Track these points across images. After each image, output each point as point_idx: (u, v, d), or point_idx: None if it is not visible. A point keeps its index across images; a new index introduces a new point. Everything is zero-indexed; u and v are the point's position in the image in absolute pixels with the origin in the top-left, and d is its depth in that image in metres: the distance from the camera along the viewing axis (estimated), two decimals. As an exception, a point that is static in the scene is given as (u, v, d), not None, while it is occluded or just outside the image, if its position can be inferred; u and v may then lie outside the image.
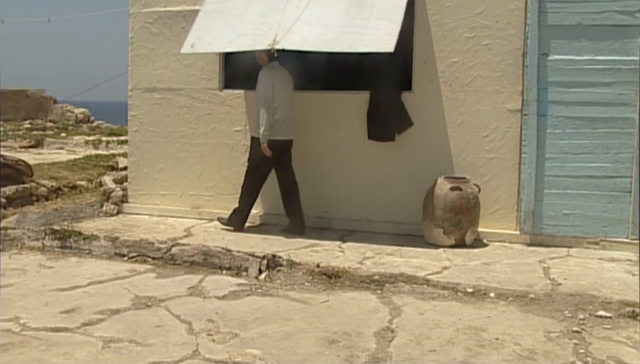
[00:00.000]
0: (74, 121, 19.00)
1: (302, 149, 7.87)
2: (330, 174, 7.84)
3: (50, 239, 6.87)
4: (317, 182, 7.87)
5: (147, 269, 6.22)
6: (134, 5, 8.62)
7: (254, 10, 7.51)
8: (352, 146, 7.76)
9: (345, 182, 7.79)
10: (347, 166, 7.78)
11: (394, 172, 7.59)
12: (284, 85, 7.48)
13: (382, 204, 7.63)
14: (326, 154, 7.84)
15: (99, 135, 16.71)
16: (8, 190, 7.84)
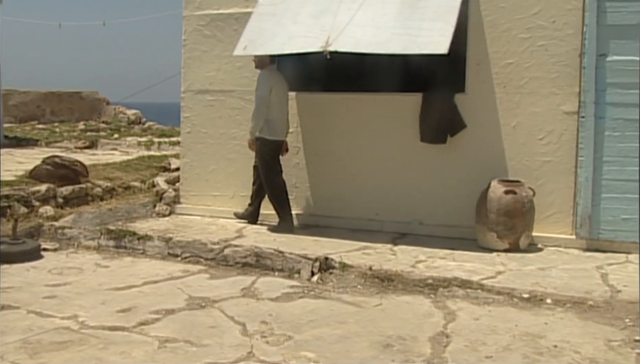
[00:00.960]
0: (126, 122, 19.30)
1: (353, 151, 7.86)
2: (382, 177, 7.80)
3: (106, 239, 6.97)
4: (368, 185, 7.84)
5: (200, 269, 6.27)
6: (187, 8, 8.71)
7: (306, 12, 7.52)
8: (403, 148, 7.70)
9: (397, 185, 7.74)
10: (399, 168, 7.73)
11: (447, 175, 7.51)
12: (280, 88, 7.76)
13: (434, 207, 7.56)
14: (377, 156, 7.80)
15: (151, 136, 16.92)
16: (65, 190, 8.00)
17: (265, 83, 7.62)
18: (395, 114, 7.76)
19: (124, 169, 9.46)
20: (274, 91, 7.63)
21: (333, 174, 8.04)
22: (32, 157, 11.00)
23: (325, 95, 8.20)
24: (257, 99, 7.61)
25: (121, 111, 20.41)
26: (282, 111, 7.80)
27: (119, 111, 20.45)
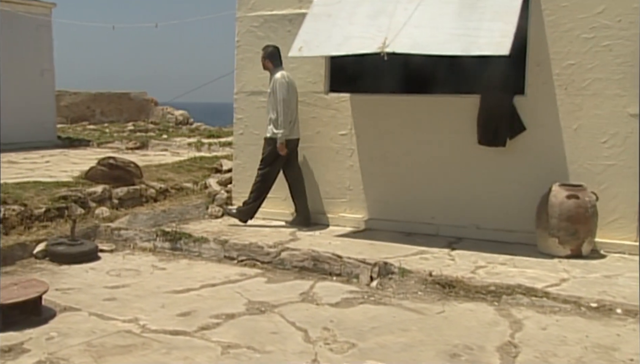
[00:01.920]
0: (174, 123, 19.44)
1: (408, 154, 7.75)
2: (437, 180, 7.67)
3: (161, 241, 6.98)
4: (423, 188, 7.71)
5: (257, 273, 6.23)
6: (241, 9, 8.69)
7: (362, 13, 7.42)
8: (460, 151, 7.56)
9: (453, 189, 7.60)
10: (455, 171, 7.59)
11: (505, 179, 7.34)
12: (293, 88, 7.92)
13: (492, 211, 7.40)
14: (433, 159, 7.67)
15: (199, 136, 17.00)
16: (120, 191, 8.04)
17: (284, 85, 7.74)
18: (452, 116, 7.62)
19: (176, 171, 9.48)
20: (290, 92, 7.80)
21: (387, 176, 7.93)
22: (86, 158, 11.14)
23: (380, 96, 8.09)
24: (280, 103, 7.70)
25: (169, 111, 20.57)
26: (295, 112, 7.94)
27: (167, 111, 20.62)
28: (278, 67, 7.92)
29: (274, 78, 7.82)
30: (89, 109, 20.33)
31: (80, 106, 20.13)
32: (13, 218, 6.74)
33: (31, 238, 6.66)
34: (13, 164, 10.22)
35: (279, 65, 7.93)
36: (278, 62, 7.94)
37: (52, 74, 13.83)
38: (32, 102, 13.19)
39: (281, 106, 7.70)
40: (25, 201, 6.99)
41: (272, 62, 7.93)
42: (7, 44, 12.70)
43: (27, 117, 13.04)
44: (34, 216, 6.96)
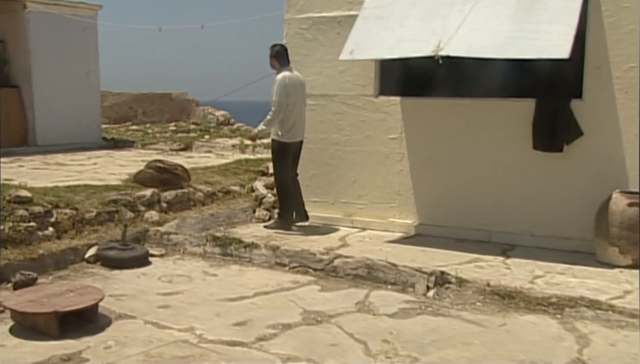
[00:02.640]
0: (215, 123, 19.46)
1: (460, 159, 7.59)
2: (489, 186, 7.49)
3: (211, 246, 6.93)
4: (475, 194, 7.55)
5: (309, 280, 6.14)
6: (289, 11, 8.60)
7: (414, 16, 7.29)
8: (513, 156, 7.37)
9: (506, 194, 7.42)
10: (508, 177, 7.41)
11: (561, 185, 7.14)
12: (298, 89, 7.80)
13: (547, 218, 7.21)
14: (485, 164, 7.50)
15: (240, 137, 16.99)
16: (169, 195, 8.02)
17: (282, 87, 7.63)
18: (506, 120, 7.44)
19: (222, 173, 9.44)
20: (291, 95, 7.66)
21: (438, 181, 7.78)
22: (131, 160, 11.18)
23: (431, 100, 7.93)
24: (275, 105, 7.62)
25: (210, 111, 20.61)
26: (299, 113, 7.83)
27: (208, 111, 20.66)
28: (285, 66, 7.82)
29: (275, 78, 7.76)
30: (131, 110, 20.46)
31: (122, 106, 20.27)
32: (65, 222, 6.74)
33: (82, 242, 6.66)
34: (62, 166, 10.29)
35: (286, 65, 7.84)
36: (285, 61, 7.85)
37: (97, 75, 13.93)
38: (78, 104, 13.30)
39: (273, 107, 7.63)
40: (76, 205, 7.00)
41: (279, 62, 7.83)
42: (54, 46, 12.83)
43: (73, 119, 13.15)
44: (85, 219, 6.96)
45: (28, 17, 12.41)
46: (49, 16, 12.44)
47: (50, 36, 12.71)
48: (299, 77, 7.91)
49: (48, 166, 10.36)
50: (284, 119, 7.71)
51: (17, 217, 6.31)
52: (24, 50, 12.55)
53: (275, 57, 7.85)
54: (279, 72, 7.78)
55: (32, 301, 4.77)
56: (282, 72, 7.76)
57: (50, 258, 6.27)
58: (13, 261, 5.96)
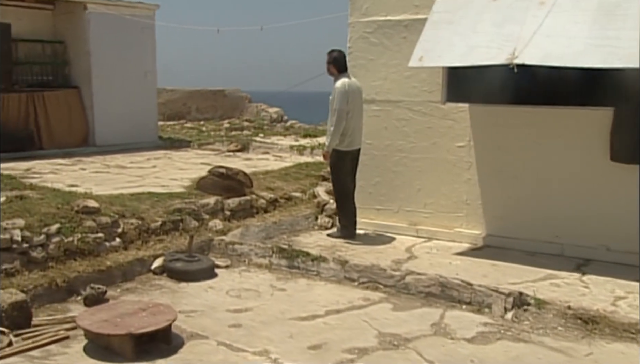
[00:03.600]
0: (269, 120, 19.42)
1: (532, 169, 7.33)
2: (563, 197, 7.20)
3: (278, 258, 6.81)
4: (547, 205, 7.27)
5: (380, 297, 5.97)
6: (353, 14, 8.41)
7: (487, 20, 7.02)
8: (589, 167, 7.07)
9: (580, 206, 7.13)
10: (583, 188, 7.11)
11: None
12: (356, 96, 7.65)
13: (625, 232, 6.89)
14: (559, 175, 7.22)
15: (294, 135, 16.92)
16: (232, 202, 7.93)
17: (342, 94, 7.46)
18: (581, 129, 7.14)
19: (283, 178, 9.33)
20: (350, 102, 7.51)
21: (508, 192, 7.53)
22: (190, 162, 11.16)
23: (502, 107, 7.66)
24: (336, 113, 7.44)
25: (263, 108, 20.57)
26: (357, 121, 7.68)
27: (261, 108, 20.62)
28: (342, 73, 7.66)
29: (334, 86, 7.58)
30: (185, 106, 20.54)
31: (176, 103, 20.36)
32: (131, 232, 6.71)
33: (148, 253, 6.61)
34: (122, 169, 10.31)
35: (344, 71, 7.68)
36: (343, 67, 7.68)
37: (154, 75, 13.97)
38: (136, 104, 13.35)
39: (334, 116, 7.45)
40: (142, 214, 6.95)
41: (337, 68, 7.66)
42: (113, 46, 12.88)
43: (130, 119, 13.21)
44: (150, 229, 6.91)
45: (88, 18, 12.47)
46: (108, 17, 12.49)
47: (109, 37, 12.76)
48: (356, 83, 7.77)
49: (109, 168, 10.38)
50: (347, 128, 7.54)
51: (85, 229, 6.28)
52: (83, 51, 12.62)
53: (333, 64, 7.69)
54: (337, 79, 7.61)
55: (106, 321, 4.71)
56: (340, 79, 7.59)
57: (118, 270, 6.23)
58: (82, 274, 5.94)
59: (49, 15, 12.92)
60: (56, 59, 12.83)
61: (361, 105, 7.81)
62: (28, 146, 11.70)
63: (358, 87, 7.77)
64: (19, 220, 5.95)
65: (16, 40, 12.15)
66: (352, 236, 7.78)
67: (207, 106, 20.81)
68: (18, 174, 9.45)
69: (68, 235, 6.11)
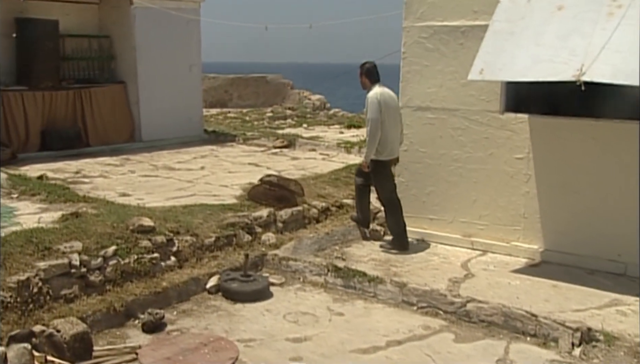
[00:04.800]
0: (311, 108, 19.25)
1: (594, 184, 7.09)
2: (626, 214, 6.94)
3: (333, 277, 6.70)
4: (609, 222, 7.03)
5: (441, 325, 5.82)
6: (408, 18, 8.18)
7: (551, 32, 6.74)
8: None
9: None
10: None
11: None
12: (390, 105, 7.59)
13: (692, 253, 6.66)
14: (622, 191, 6.96)
15: (338, 125, 16.75)
16: (284, 214, 7.82)
17: (375, 104, 7.46)
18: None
19: (333, 183, 9.19)
20: (384, 111, 7.47)
21: (568, 207, 7.30)
22: (238, 162, 11.07)
23: (563, 120, 7.38)
24: (370, 122, 7.48)
25: (305, 95, 20.40)
26: (392, 130, 7.64)
27: (303, 95, 20.46)
28: (375, 83, 7.63)
29: (367, 96, 7.59)
30: (226, 93, 20.47)
31: (218, 90, 20.30)
32: (186, 250, 6.64)
33: (203, 271, 6.54)
34: (171, 171, 10.24)
35: (376, 82, 7.65)
36: (375, 78, 7.66)
37: (199, 68, 13.87)
38: (181, 98, 13.26)
39: (368, 126, 7.50)
40: (196, 230, 6.88)
41: (370, 79, 7.66)
42: (159, 40, 12.79)
43: (176, 113, 13.14)
44: (204, 246, 6.84)
45: (134, 13, 12.38)
46: (153, 11, 12.37)
47: (154, 31, 12.66)
48: (390, 93, 7.71)
49: (157, 170, 10.32)
50: (382, 137, 7.51)
51: (141, 249, 6.23)
52: (129, 46, 12.55)
53: (365, 75, 7.68)
54: (370, 90, 7.56)
55: (169, 359, 4.65)
56: (372, 89, 7.55)
57: (174, 290, 6.19)
58: (139, 296, 5.90)
59: (95, 9, 12.85)
60: (102, 54, 12.78)
61: (396, 114, 7.76)
62: (76, 143, 11.70)
63: (392, 96, 7.73)
64: (77, 243, 5.91)
65: (63, 36, 12.11)
66: (404, 247, 7.66)
67: (248, 93, 20.71)
68: (69, 177, 9.47)
69: (124, 257, 6.05)
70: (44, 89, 11.53)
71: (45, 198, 7.68)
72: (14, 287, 5.22)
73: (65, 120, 11.82)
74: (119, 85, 12.70)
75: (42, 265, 5.51)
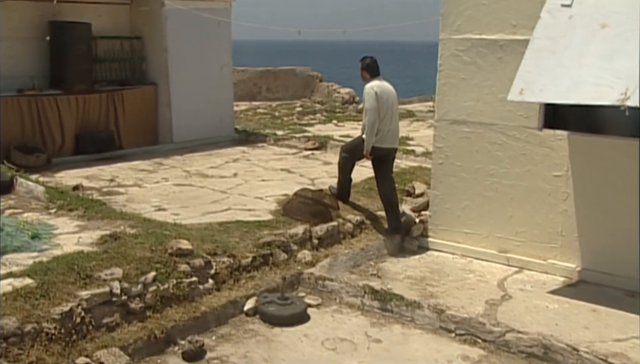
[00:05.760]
0: (340, 102, 19.14)
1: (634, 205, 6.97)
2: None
3: (370, 299, 6.69)
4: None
5: (480, 355, 5.79)
6: (445, 30, 8.08)
7: (594, 52, 6.61)
8: (699, 206, 6.71)
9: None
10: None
11: None
12: (386, 97, 8.17)
13: None
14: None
15: (367, 121, 16.64)
16: (320, 230, 7.79)
17: (371, 95, 8.05)
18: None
19: (367, 194, 9.13)
20: (380, 101, 8.03)
21: (607, 226, 7.21)
22: (269, 167, 11.04)
23: (604, 139, 7.25)
24: (368, 112, 8.09)
25: (335, 88, 20.28)
26: (390, 121, 8.20)
27: (332, 88, 20.34)
28: (374, 78, 8.23)
29: (364, 88, 8.21)
30: (255, 86, 20.44)
31: (247, 83, 20.26)
32: (223, 272, 6.65)
33: (240, 293, 6.56)
34: (204, 178, 10.22)
35: (376, 76, 8.25)
36: (375, 73, 8.26)
37: (230, 68, 13.80)
38: (212, 99, 13.23)
39: (366, 116, 8.13)
40: (232, 251, 6.88)
41: (369, 73, 8.25)
42: (190, 41, 12.74)
43: (207, 114, 13.12)
44: (241, 266, 6.85)
45: (165, 15, 12.33)
46: (184, 12, 12.33)
47: (186, 32, 12.61)
48: (387, 86, 8.28)
49: (190, 177, 10.31)
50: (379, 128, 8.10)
51: (180, 274, 6.25)
52: (161, 48, 12.51)
53: (365, 70, 8.28)
54: (368, 83, 8.19)
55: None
56: (370, 82, 8.17)
57: (212, 314, 6.22)
58: (179, 322, 5.93)
59: (126, 10, 12.82)
60: (134, 56, 12.75)
61: (394, 107, 8.32)
62: (109, 147, 11.74)
63: (389, 89, 8.28)
64: (117, 269, 5.95)
65: (95, 38, 12.10)
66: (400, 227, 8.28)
67: (277, 86, 20.67)
68: (104, 186, 9.50)
69: (163, 282, 6.08)
70: (78, 92, 11.55)
71: (83, 214, 7.72)
72: (57, 318, 5.27)
73: (98, 123, 11.85)
74: (150, 86, 12.70)
75: (84, 294, 5.56)
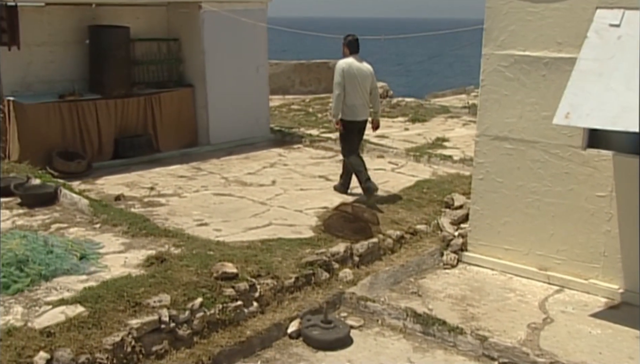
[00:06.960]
0: (373, 96, 19.05)
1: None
2: None
3: (412, 322, 6.73)
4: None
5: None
6: (488, 45, 8.01)
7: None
8: None
9: None
10: None
11: None
12: (356, 73, 9.11)
13: None
14: None
15: (402, 117, 16.64)
16: (360, 247, 7.83)
17: (339, 70, 9.11)
18: None
19: (406, 206, 9.14)
20: (348, 79, 9.05)
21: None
22: (307, 174, 11.08)
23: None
24: (334, 86, 9.19)
25: (367, 83, 20.19)
26: (358, 96, 9.14)
27: (365, 82, 20.25)
28: (353, 54, 9.17)
29: (337, 63, 9.24)
30: (289, 80, 20.45)
31: (280, 76, 20.27)
32: (267, 294, 6.73)
33: (284, 316, 6.63)
34: (243, 187, 10.27)
35: (355, 53, 9.18)
36: (354, 50, 9.20)
37: (265, 69, 13.81)
38: (248, 100, 13.25)
39: (335, 90, 9.19)
40: (275, 272, 6.95)
41: (349, 50, 9.18)
42: (227, 43, 12.76)
43: (243, 115, 13.17)
44: (284, 288, 6.91)
45: (203, 17, 12.36)
46: (221, 14, 12.34)
47: (222, 34, 12.63)
48: (360, 64, 9.14)
49: (229, 185, 10.37)
50: (346, 101, 9.09)
51: (225, 298, 6.33)
52: (198, 50, 12.55)
53: (347, 45, 9.20)
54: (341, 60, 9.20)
55: None
56: (346, 58, 9.14)
57: (257, 338, 6.29)
58: (225, 347, 6.03)
59: (163, 12, 12.86)
60: (171, 58, 12.81)
61: (366, 83, 9.20)
62: (147, 150, 11.84)
63: (361, 67, 9.16)
64: (165, 295, 6.05)
65: (133, 40, 12.18)
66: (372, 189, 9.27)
67: (311, 79, 20.66)
68: (144, 196, 9.61)
69: (210, 307, 6.17)
70: (117, 96, 11.66)
71: (127, 230, 7.83)
72: (110, 348, 5.39)
73: (136, 127, 11.96)
74: (187, 88, 12.77)
75: (134, 323, 5.67)
